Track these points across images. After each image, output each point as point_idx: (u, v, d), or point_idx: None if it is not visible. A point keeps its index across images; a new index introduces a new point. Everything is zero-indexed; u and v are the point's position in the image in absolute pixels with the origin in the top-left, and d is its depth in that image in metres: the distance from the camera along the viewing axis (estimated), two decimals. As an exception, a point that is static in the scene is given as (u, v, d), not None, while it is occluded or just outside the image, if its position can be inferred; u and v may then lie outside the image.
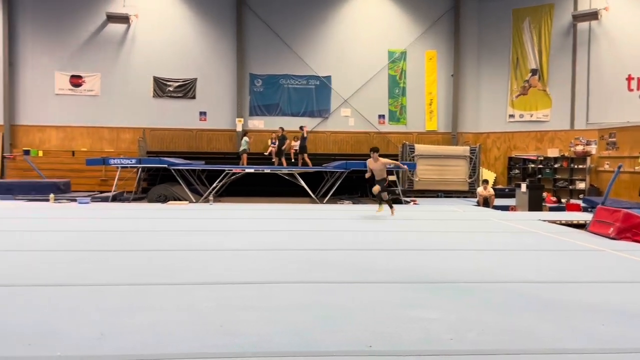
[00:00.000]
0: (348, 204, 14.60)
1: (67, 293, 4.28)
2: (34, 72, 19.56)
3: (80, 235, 7.58)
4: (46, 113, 19.62)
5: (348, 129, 21.13)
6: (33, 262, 5.55)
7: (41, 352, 2.94)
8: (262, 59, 20.63)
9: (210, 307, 3.87)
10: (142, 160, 15.24)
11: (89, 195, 14.73)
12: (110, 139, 20.01)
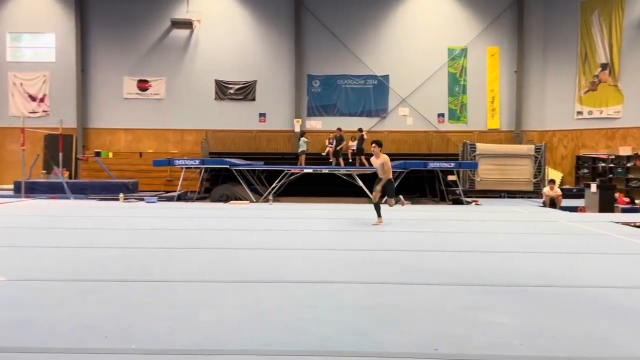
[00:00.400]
0: (407, 204, 14.40)
1: (139, 289, 4.46)
2: (104, 77, 20.60)
3: (150, 234, 7.91)
4: (115, 116, 20.61)
5: (406, 128, 20.89)
6: (106, 258, 5.83)
7: (117, 344, 3.09)
8: (320, 60, 20.76)
9: (274, 305, 3.93)
10: (205, 161, 15.72)
11: (155, 195, 15.35)
12: (175, 140, 20.76)
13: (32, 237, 7.42)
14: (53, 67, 20.46)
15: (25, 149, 15.50)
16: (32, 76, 20.44)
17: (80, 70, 20.29)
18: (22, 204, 12.80)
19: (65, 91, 20.37)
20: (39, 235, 7.69)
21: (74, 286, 4.53)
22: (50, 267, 5.38)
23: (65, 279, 4.78)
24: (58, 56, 20.44)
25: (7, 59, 20.49)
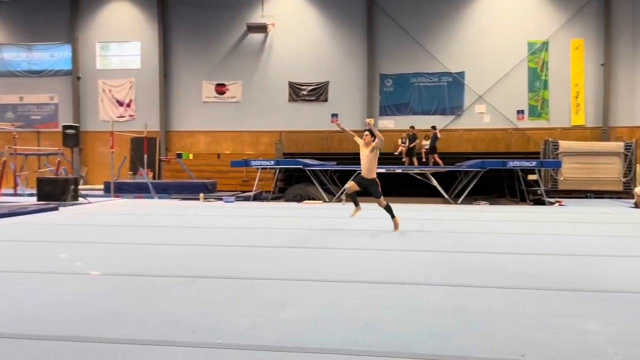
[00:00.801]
0: (485, 205, 13.96)
1: (221, 285, 4.63)
2: (185, 82, 21.55)
3: (230, 232, 8.18)
4: (195, 119, 21.51)
5: (483, 126, 20.24)
6: (190, 256, 6.10)
7: (204, 338, 3.22)
8: (393, 58, 20.57)
9: (353, 305, 3.94)
10: (279, 161, 16.04)
11: (233, 195, 15.86)
12: (251, 142, 21.34)
13: (123, 235, 7.90)
14: (138, 73, 21.67)
15: (114, 151, 16.51)
16: (119, 83, 21.76)
17: (162, 76, 21.35)
18: (112, 203, 13.66)
19: (150, 96, 21.51)
20: (128, 232, 8.18)
21: (161, 281, 4.77)
22: (139, 263, 5.70)
23: (153, 274, 5.05)
24: (143, 63, 21.62)
25: (97, 67, 21.94)
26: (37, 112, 22.19)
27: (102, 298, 4.15)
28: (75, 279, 4.86)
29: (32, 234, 7.89)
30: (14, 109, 22.23)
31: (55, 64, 21.95)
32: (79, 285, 4.60)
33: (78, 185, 14.06)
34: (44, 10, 21.77)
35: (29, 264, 5.58)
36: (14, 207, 11.01)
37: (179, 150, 20.79)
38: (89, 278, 4.92)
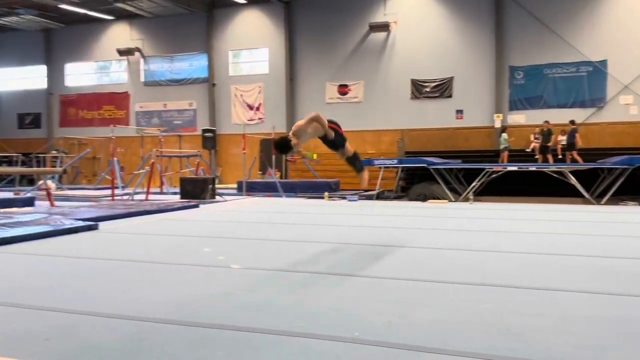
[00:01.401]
0: (634, 206, 12.62)
1: (353, 282, 4.70)
2: (309, 84, 22.23)
3: (357, 230, 8.29)
4: (319, 120, 22.06)
5: (629, 118, 18.33)
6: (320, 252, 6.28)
7: (341, 332, 3.29)
8: (523, 49, 19.40)
9: (489, 309, 3.78)
10: (402, 160, 15.91)
11: (355, 194, 16.04)
12: (372, 141, 21.42)
13: (257, 231, 8.36)
14: (266, 78, 22.79)
15: (246, 152, 17.53)
16: (249, 88, 23.06)
17: (289, 80, 22.22)
18: (245, 201, 14.52)
19: (277, 99, 22.51)
20: (262, 229, 8.63)
21: (294, 276, 4.97)
22: (275, 258, 5.99)
23: (287, 269, 5.27)
24: (271, 68, 22.70)
25: (229, 74, 23.46)
26: (178, 118, 24.29)
27: (246, 290, 4.42)
28: (219, 272, 5.23)
29: (178, 229, 8.65)
30: (159, 115, 24.54)
31: (194, 72, 23.87)
32: (224, 278, 4.95)
33: (215, 185, 15.13)
34: (183, 24, 23.76)
35: (179, 257, 6.12)
36: (161, 205, 12.16)
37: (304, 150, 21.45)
38: (232, 271, 5.27)
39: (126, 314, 3.72)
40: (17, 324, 3.54)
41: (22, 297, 4.21)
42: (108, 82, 25.75)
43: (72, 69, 26.34)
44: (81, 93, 26.01)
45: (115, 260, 5.87)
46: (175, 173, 19.98)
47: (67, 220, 8.37)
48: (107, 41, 25.17)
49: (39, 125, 26.94)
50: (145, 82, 24.73)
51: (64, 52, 26.17)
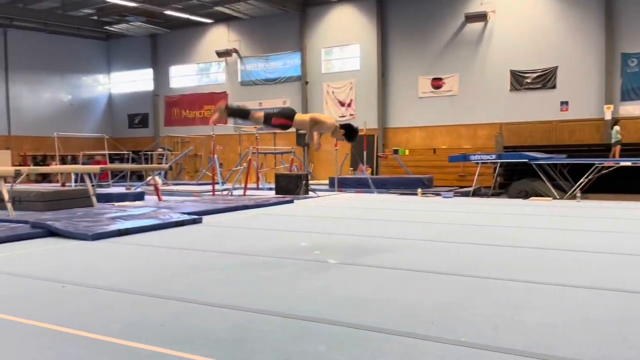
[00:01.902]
0: None
1: (455, 281, 4.58)
2: (401, 79, 21.91)
3: (455, 228, 8.07)
4: (411, 115, 21.73)
5: None
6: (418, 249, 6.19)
7: (443, 333, 3.21)
8: (637, 34, 17.77)
9: (603, 315, 3.51)
10: (501, 155, 15.22)
11: (450, 190, 15.61)
12: (468, 136, 20.71)
13: (351, 226, 8.39)
14: (358, 74, 22.78)
15: (337, 148, 17.66)
16: (340, 84, 23.18)
17: (380, 75, 22.06)
18: (337, 197, 14.65)
19: (368, 95, 22.45)
20: (356, 224, 8.66)
21: (392, 273, 4.92)
22: (370, 253, 5.98)
23: (384, 266, 5.24)
24: (362, 64, 22.66)
25: (322, 71, 23.73)
26: (272, 115, 25.02)
27: (343, 285, 4.46)
28: (316, 266, 5.31)
29: (275, 224, 8.91)
30: (255, 113, 25.44)
31: (287, 71, 24.43)
32: (321, 273, 5.03)
33: (308, 181, 15.42)
34: (278, 24, 24.38)
35: (277, 251, 6.30)
36: (258, 200, 12.60)
37: (395, 147, 21.28)
38: (328, 266, 5.33)
39: (234, 304, 3.90)
40: (137, 310, 3.84)
41: (140, 286, 4.55)
42: (208, 82, 27.06)
43: (175, 71, 27.99)
44: (184, 94, 27.56)
45: (220, 252, 6.17)
46: (270, 169, 20.61)
47: (174, 214, 8.92)
48: (207, 44, 26.44)
49: (146, 125, 28.94)
50: (241, 82, 25.70)
51: (169, 56, 27.88)
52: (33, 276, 4.97)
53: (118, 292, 4.31)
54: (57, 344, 3.13)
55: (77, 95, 28.44)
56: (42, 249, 6.57)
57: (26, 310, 3.82)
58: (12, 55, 25.50)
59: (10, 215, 9.26)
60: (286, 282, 4.65)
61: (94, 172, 13.94)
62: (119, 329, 3.36)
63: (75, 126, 26.58)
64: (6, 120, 25.37)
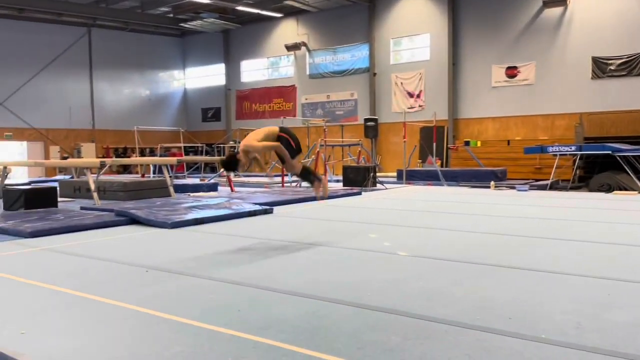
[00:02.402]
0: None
1: (534, 277, 4.42)
2: (473, 69, 21.25)
3: (529, 221, 7.77)
4: (483, 106, 21.05)
5: None
6: (490, 243, 6.02)
7: (522, 329, 3.11)
8: None
9: (703, 317, 3.27)
10: (582, 147, 14.43)
11: (525, 183, 15.00)
12: (544, 126, 19.80)
13: (421, 219, 8.29)
14: (427, 64, 22.34)
15: (406, 140, 17.44)
16: (409, 75, 22.83)
17: (451, 64, 21.51)
18: (405, 189, 14.49)
19: (438, 86, 21.96)
20: (425, 217, 8.54)
21: (464, 267, 4.82)
22: (441, 247, 5.89)
23: (455, 259, 5.14)
24: (432, 54, 22.19)
25: (390, 62, 23.46)
26: (340, 108, 25.05)
27: (415, 278, 4.42)
28: (387, 258, 5.30)
29: (344, 215, 8.95)
30: (323, 106, 25.56)
31: (355, 63, 24.36)
32: (392, 265, 5.01)
33: (376, 173, 15.34)
34: (346, 16, 24.34)
35: (346, 241, 6.34)
36: (326, 191, 12.68)
37: (466, 138, 20.71)
38: (399, 258, 5.31)
39: (306, 292, 3.97)
40: (215, 295, 4.00)
41: (216, 272, 4.73)
42: (277, 76, 27.51)
43: (246, 65, 28.66)
44: (254, 88, 28.19)
45: (291, 242, 6.29)
46: (337, 161, 20.68)
47: (246, 204, 9.18)
48: (277, 38, 26.86)
49: (219, 118, 29.88)
50: (310, 75, 25.91)
51: (240, 51, 28.58)
52: (119, 261, 5.30)
53: (196, 278, 4.51)
54: (143, 325, 3.32)
55: (155, 91, 29.80)
56: (125, 236, 6.98)
57: (114, 292, 4.08)
58: (95, 53, 27.10)
59: (96, 204, 9.89)
60: (357, 272, 4.67)
61: (171, 163, 14.59)
62: (199, 313, 3.52)
63: (153, 120, 27.92)
64: (91, 115, 27.03)
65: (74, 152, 25.61)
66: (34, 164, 15.98)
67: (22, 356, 2.76)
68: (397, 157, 22.13)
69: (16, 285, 4.38)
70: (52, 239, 6.70)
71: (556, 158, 14.68)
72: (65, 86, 25.89)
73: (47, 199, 10.06)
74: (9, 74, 23.84)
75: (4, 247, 6.17)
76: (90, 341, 3.04)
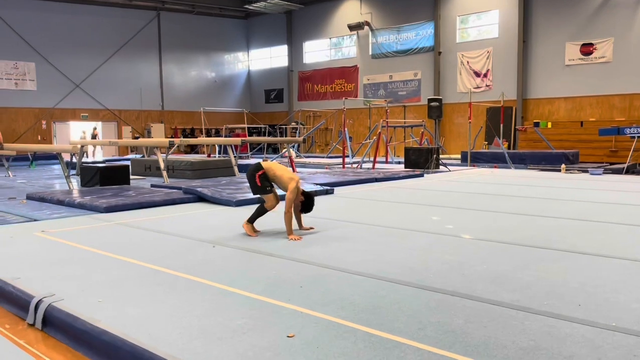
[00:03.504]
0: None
1: (607, 264, 4.21)
2: (545, 46, 20.21)
3: (602, 207, 7.39)
4: (555, 85, 20.03)
5: None
6: (559, 227, 5.78)
7: (592, 316, 2.98)
8: None
9: None
10: (663, 128, 13.49)
11: (599, 167, 14.23)
12: (622, 107, 18.61)
13: (485, 202, 8.07)
14: (495, 42, 21.46)
15: (471, 121, 16.93)
16: (476, 54, 22.03)
17: (521, 42, 20.56)
18: (469, 172, 14.13)
19: (507, 65, 21.08)
20: (490, 200, 8.30)
21: (531, 251, 4.66)
22: (506, 230, 5.71)
23: (521, 243, 4.97)
24: (501, 31, 21.28)
25: (456, 41, 22.73)
26: (403, 88, 24.63)
27: (479, 261, 4.33)
28: (450, 241, 5.21)
29: (405, 197, 8.85)
30: (385, 86, 25.22)
31: (419, 42, 23.78)
32: (455, 247, 4.92)
33: (439, 155, 15.03)
34: (410, -6, 23.77)
35: (408, 223, 6.28)
36: (388, 173, 12.59)
37: (536, 119, 19.83)
38: (462, 241, 5.20)
39: (366, 272, 3.98)
40: (277, 271, 4.09)
41: (279, 249, 4.84)
42: (339, 57, 27.34)
43: (309, 46, 28.66)
44: (316, 69, 28.19)
45: (351, 222, 6.31)
46: (399, 143, 20.43)
47: (308, 185, 9.27)
48: (339, 18, 26.63)
49: (281, 100, 30.17)
50: (373, 55, 25.57)
51: (303, 32, 28.60)
52: (187, 236, 5.52)
53: (260, 254, 4.63)
54: (210, 297, 3.45)
55: (220, 73, 30.46)
56: (192, 212, 7.25)
57: (183, 265, 4.26)
58: (164, 37, 27.97)
59: (165, 182, 10.31)
60: (418, 254, 4.63)
61: (235, 144, 14.94)
62: (263, 287, 3.62)
63: (218, 101, 28.63)
64: (160, 97, 28.05)
65: (145, 132, 26.74)
66: (108, 143, 16.82)
67: (98, 322, 2.95)
68: (462, 139, 21.57)
69: (93, 257, 4.67)
70: (124, 214, 7.07)
71: (634, 140, 13.79)
72: (136, 69, 26.95)
73: (120, 177, 10.60)
74: (85, 57, 25.08)
75: (82, 221, 6.58)
76: (161, 310, 3.21)
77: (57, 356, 2.90)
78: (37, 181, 12.29)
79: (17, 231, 5.88)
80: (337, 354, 2.52)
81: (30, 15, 23.39)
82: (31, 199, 8.55)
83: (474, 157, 16.69)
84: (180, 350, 2.57)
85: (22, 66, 23.34)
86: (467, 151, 16.87)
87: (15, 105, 23.12)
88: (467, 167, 16.03)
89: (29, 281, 3.79)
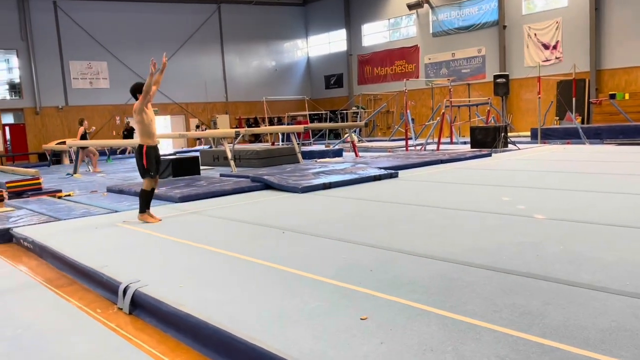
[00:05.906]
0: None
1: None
2: (619, 12, 18.91)
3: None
4: (633, 53, 18.74)
5: None
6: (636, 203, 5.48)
7: (682, 298, 2.83)
8: None
9: None
10: None
11: (685, 139, 13.25)
12: None
13: (558, 180, 7.74)
14: (565, 12, 20.33)
15: (541, 97, 16.20)
16: (544, 25, 20.97)
17: (593, 10, 19.35)
18: (540, 149, 13.57)
19: (578, 35, 19.94)
20: (564, 178, 7.95)
21: (611, 230, 4.45)
22: (581, 209, 5.47)
23: (599, 222, 4.76)
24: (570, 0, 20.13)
25: (522, 13, 21.72)
26: (466, 66, 23.89)
27: (555, 242, 4.19)
28: (522, 221, 5.07)
29: (472, 178, 8.65)
30: (447, 65, 24.56)
31: (483, 17, 22.91)
32: (528, 228, 4.78)
33: (507, 133, 14.52)
34: (471, -33, 22.88)
35: (477, 204, 6.15)
36: (453, 154, 12.33)
37: (611, 91, 18.67)
38: (535, 221, 5.05)
39: (436, 255, 3.97)
40: (347, 256, 4.15)
41: (347, 234, 4.90)
42: (399, 37, 26.85)
43: (367, 29, 28.35)
44: (375, 51, 27.86)
45: (417, 205, 6.26)
46: (464, 122, 19.89)
47: (371, 169, 9.27)
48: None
49: (341, 85, 30.11)
50: (433, 33, 24.92)
51: (360, 14, 28.31)
52: (257, 223, 5.69)
53: (329, 239, 4.71)
54: (285, 281, 3.57)
55: (280, 61, 30.77)
56: (261, 200, 7.45)
57: (256, 251, 4.41)
58: (225, 29, 28.57)
59: (232, 171, 10.63)
60: (489, 236, 4.54)
61: (298, 131, 15.12)
62: (334, 272, 3.69)
63: (279, 90, 28.97)
64: (224, 88, 28.77)
65: (211, 124, 27.56)
66: (178, 135, 17.51)
67: (182, 306, 3.13)
68: (531, 115, 20.69)
69: (171, 244, 4.93)
70: (197, 203, 7.37)
71: None
72: (200, 62, 27.72)
73: (191, 168, 11.03)
74: (151, 54, 25.63)
75: (158, 211, 6.92)
76: (241, 294, 3.35)
77: (146, 337, 3.11)
78: (114, 174, 13.01)
79: (100, 222, 6.28)
80: (411, 336, 2.54)
81: (99, 16, 24.59)
82: (111, 191, 9.09)
83: (544, 133, 16.00)
84: (259, 332, 2.68)
85: (96, 66, 24.64)
86: (537, 128, 16.20)
87: (91, 104, 24.49)
88: (538, 144, 15.41)
89: (115, 268, 4.06)
